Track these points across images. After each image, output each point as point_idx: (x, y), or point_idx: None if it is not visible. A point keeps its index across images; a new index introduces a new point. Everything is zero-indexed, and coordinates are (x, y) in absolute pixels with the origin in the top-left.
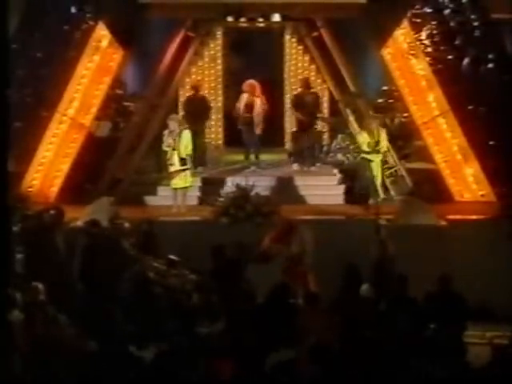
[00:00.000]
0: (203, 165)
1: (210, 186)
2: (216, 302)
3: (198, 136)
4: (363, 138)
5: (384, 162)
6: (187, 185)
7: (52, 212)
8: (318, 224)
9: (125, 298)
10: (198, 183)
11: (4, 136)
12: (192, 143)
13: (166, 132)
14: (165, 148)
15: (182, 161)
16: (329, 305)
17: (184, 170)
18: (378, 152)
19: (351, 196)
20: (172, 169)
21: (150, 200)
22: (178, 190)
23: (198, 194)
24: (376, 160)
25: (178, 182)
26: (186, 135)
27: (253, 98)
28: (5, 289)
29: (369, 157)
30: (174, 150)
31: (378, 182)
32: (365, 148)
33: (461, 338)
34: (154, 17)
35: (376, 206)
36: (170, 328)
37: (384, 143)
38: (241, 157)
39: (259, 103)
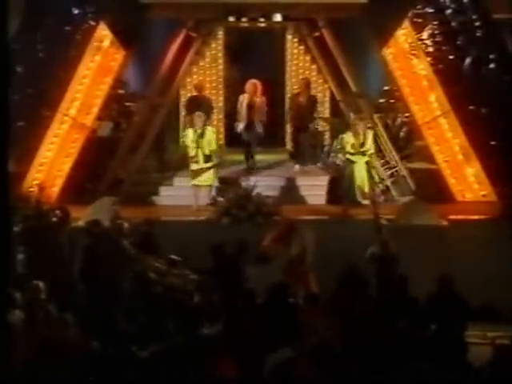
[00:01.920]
0: None
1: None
2: (217, 301)
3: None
4: (348, 139)
5: (385, 162)
6: (210, 183)
7: (57, 212)
8: (318, 224)
9: (126, 298)
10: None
11: (4, 136)
12: (215, 140)
13: (190, 130)
14: (188, 144)
15: (206, 158)
16: (330, 305)
17: (208, 167)
18: (362, 154)
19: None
20: (195, 166)
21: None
22: (201, 188)
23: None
24: (360, 162)
25: (201, 179)
26: (210, 132)
27: (253, 99)
28: (5, 289)
29: (352, 158)
30: (198, 147)
31: (363, 184)
32: (349, 149)
33: (462, 338)
34: (155, 17)
35: (377, 206)
36: (171, 328)
37: (370, 145)
38: (242, 157)
39: (260, 103)
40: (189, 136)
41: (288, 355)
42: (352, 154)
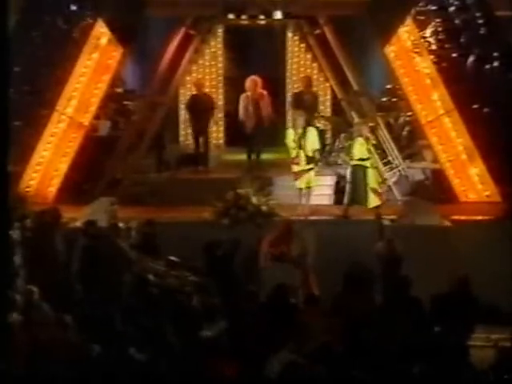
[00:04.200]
0: (205, 164)
1: None
2: (217, 303)
3: (201, 135)
4: (360, 144)
5: (387, 162)
6: (313, 184)
7: (48, 213)
8: (319, 224)
9: (124, 300)
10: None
11: (4, 137)
12: (320, 140)
13: (291, 130)
14: (290, 145)
15: (308, 159)
16: (331, 306)
17: (309, 169)
18: (369, 158)
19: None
20: (297, 168)
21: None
22: (304, 190)
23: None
24: (370, 165)
25: (303, 181)
26: (313, 132)
27: (255, 95)
28: (5, 290)
29: (363, 163)
30: (300, 148)
31: (377, 186)
32: (363, 154)
33: (466, 340)
34: (154, 14)
35: (379, 206)
36: (170, 330)
37: (372, 149)
38: (242, 156)
39: (262, 100)
40: (290, 136)
41: (288, 358)
42: (364, 159)
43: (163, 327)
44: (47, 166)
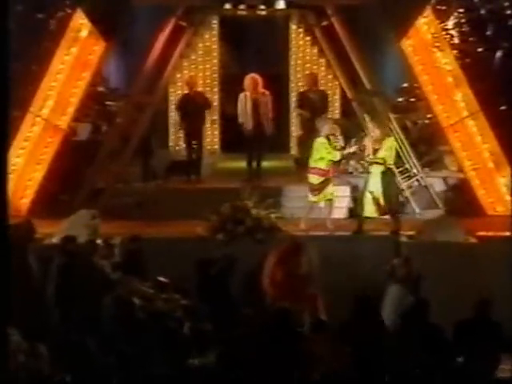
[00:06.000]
0: (198, 173)
1: None
2: (210, 329)
3: (193, 140)
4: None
5: (404, 170)
6: (332, 196)
7: (21, 228)
8: (327, 240)
9: (105, 326)
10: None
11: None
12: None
13: (321, 138)
14: (322, 155)
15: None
16: (340, 331)
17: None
18: (377, 163)
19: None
20: (317, 180)
21: None
22: (324, 203)
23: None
24: (375, 172)
25: (324, 193)
26: (339, 140)
27: (255, 96)
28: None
29: (371, 168)
30: (328, 158)
31: (378, 196)
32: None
33: (490, 372)
34: (140, 3)
35: (397, 220)
36: (157, 360)
37: (385, 153)
38: (239, 163)
39: (263, 100)
40: (323, 145)
41: None
42: (377, 162)
43: (150, 356)
44: (20, 174)
